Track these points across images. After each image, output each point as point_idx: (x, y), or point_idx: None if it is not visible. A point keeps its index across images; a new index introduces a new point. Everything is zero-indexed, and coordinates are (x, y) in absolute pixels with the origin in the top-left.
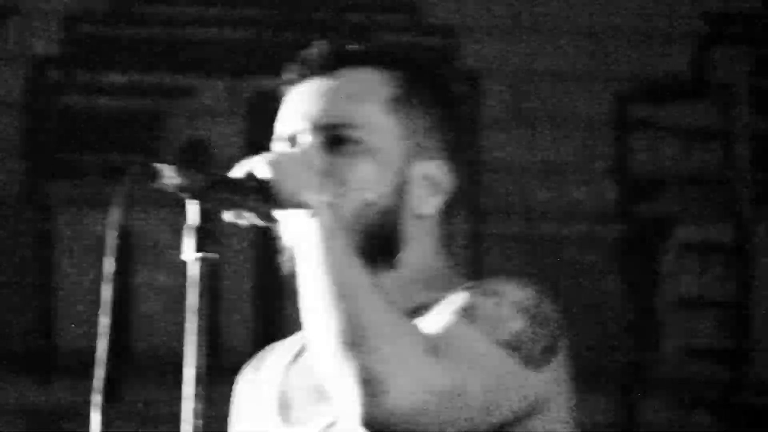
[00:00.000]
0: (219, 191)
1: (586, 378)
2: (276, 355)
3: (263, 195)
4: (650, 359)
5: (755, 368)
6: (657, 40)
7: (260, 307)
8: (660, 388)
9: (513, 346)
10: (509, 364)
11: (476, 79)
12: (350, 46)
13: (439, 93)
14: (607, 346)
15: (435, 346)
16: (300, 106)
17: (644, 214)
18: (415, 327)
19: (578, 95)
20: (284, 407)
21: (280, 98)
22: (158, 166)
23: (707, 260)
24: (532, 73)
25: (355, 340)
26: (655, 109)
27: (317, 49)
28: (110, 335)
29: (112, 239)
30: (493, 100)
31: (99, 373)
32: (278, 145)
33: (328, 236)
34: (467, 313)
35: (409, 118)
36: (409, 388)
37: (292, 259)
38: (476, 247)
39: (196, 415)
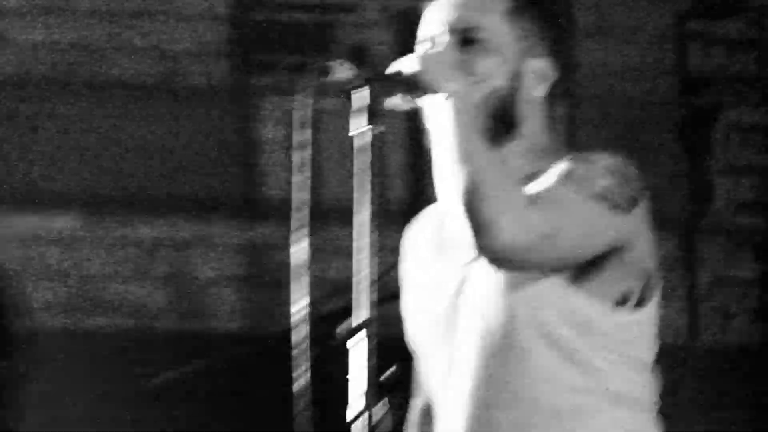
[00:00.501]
0: (378, 83)
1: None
2: (431, 215)
3: (411, 85)
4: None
5: None
6: None
7: (415, 172)
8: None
9: (602, 196)
10: (598, 211)
11: None
12: None
13: (544, 7)
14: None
15: (537, 199)
16: (438, 15)
17: (698, 103)
18: (520, 186)
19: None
20: (440, 249)
21: (422, 11)
22: (333, 63)
23: (751, 137)
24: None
25: (472, 192)
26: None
27: None
28: (301, 191)
29: (301, 119)
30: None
31: (296, 219)
32: (421, 47)
33: (458, 116)
34: (565, 174)
35: (522, 25)
36: (514, 230)
37: (431, 133)
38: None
39: (370, 249)
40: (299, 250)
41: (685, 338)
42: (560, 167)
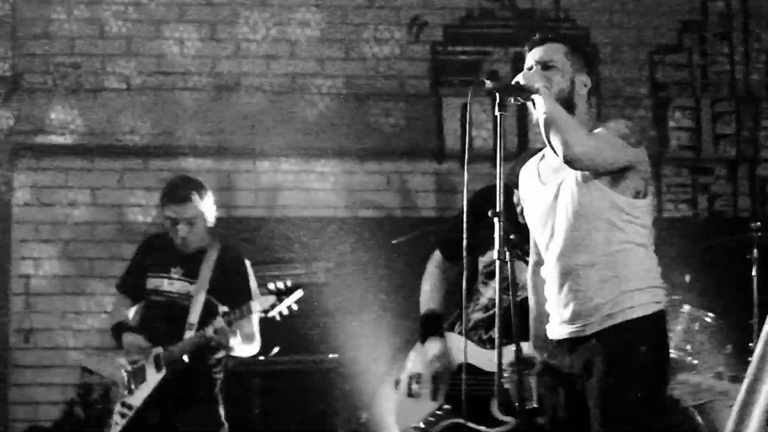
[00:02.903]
0: (507, 89)
1: None
2: (533, 160)
3: (522, 89)
4: None
5: None
6: None
7: (521, 135)
8: None
9: (623, 136)
10: (621, 143)
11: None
12: (549, 35)
13: (583, 50)
14: None
15: (592, 134)
16: (534, 56)
17: None
18: (584, 128)
19: None
20: (539, 176)
21: (526, 55)
22: (486, 80)
23: None
24: None
25: (560, 131)
26: None
27: (538, 36)
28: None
29: (470, 108)
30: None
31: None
32: (526, 71)
33: (546, 99)
34: (605, 127)
35: (573, 59)
36: (580, 148)
37: (536, 109)
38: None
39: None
40: None
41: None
42: (601, 125)
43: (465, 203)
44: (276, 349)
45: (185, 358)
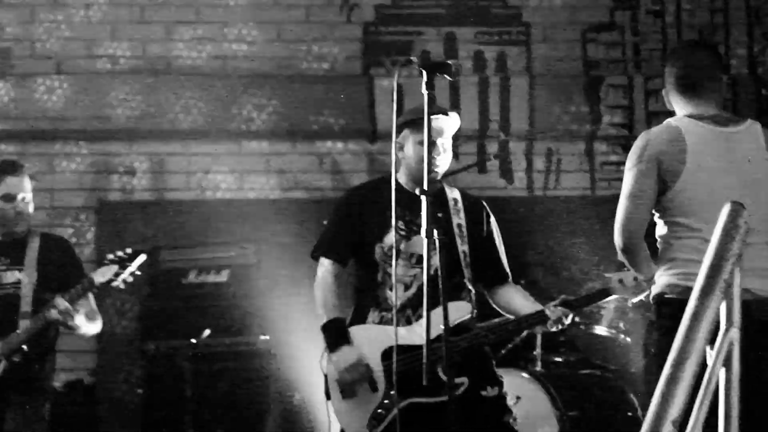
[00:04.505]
0: (433, 67)
1: None
2: None
3: (445, 66)
4: None
5: None
6: None
7: None
8: None
9: (630, 166)
10: (627, 190)
11: None
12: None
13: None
14: None
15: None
16: None
17: None
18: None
19: None
20: None
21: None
22: (413, 59)
23: None
24: None
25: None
26: None
27: None
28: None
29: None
30: None
31: None
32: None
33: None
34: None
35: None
36: (617, 240)
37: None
38: None
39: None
40: None
41: None
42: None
43: (393, 179)
44: (207, 332)
45: (24, 347)
